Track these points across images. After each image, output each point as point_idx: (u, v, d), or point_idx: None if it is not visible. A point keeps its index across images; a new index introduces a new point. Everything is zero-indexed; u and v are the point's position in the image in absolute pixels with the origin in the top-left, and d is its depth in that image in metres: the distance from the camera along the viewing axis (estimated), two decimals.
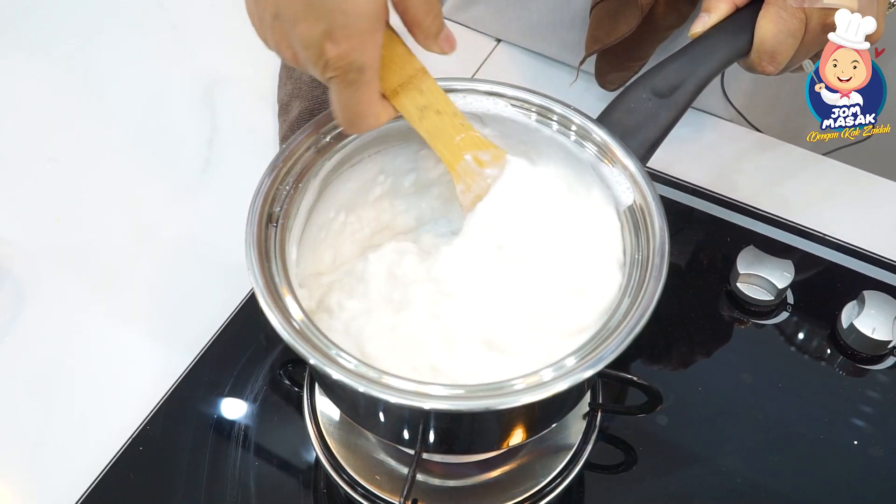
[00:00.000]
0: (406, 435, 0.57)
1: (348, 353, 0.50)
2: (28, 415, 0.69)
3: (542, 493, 0.64)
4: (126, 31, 0.96)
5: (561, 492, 0.64)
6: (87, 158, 0.85)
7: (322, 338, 0.50)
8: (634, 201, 0.56)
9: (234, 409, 0.70)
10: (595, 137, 0.59)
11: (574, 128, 0.59)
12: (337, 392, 0.58)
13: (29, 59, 0.94)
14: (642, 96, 0.61)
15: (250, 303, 0.74)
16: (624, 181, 0.57)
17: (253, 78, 0.90)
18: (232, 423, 0.69)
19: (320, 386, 0.65)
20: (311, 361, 0.49)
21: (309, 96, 0.84)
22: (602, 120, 0.61)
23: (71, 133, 0.87)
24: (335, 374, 0.48)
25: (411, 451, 0.62)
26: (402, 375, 0.49)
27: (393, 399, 0.48)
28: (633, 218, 0.56)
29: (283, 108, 0.85)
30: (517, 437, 0.58)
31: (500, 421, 0.56)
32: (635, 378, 0.60)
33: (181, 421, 0.69)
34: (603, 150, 0.58)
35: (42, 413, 0.69)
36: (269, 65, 0.90)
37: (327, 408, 0.68)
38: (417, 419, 0.55)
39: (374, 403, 0.54)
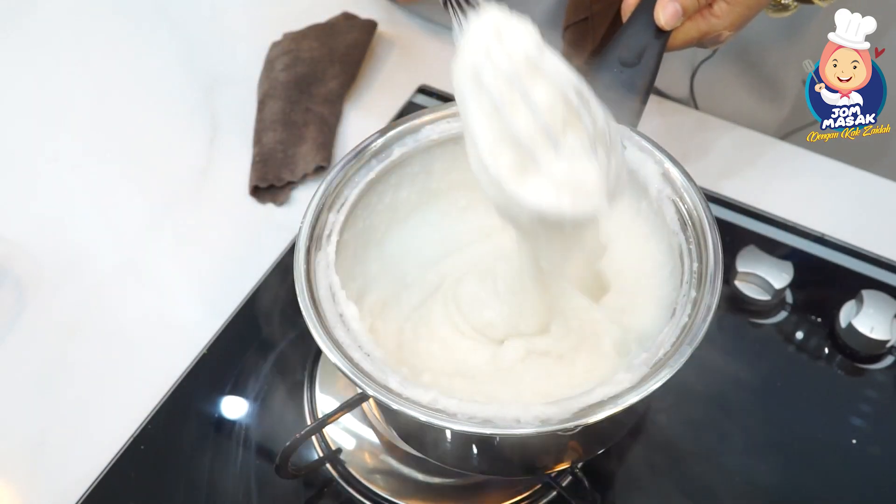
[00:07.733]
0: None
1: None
2: (29, 414, 0.70)
3: (541, 492, 0.65)
4: (126, 31, 0.96)
5: (560, 491, 0.64)
6: (88, 158, 0.85)
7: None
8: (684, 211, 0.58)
9: (235, 407, 0.70)
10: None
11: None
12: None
13: (29, 59, 0.94)
14: (614, 70, 0.62)
15: (252, 301, 0.74)
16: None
17: (253, 78, 0.90)
18: (233, 422, 0.69)
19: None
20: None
21: (283, 96, 0.86)
22: None
23: (71, 133, 0.87)
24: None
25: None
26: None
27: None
28: (686, 228, 0.58)
29: (259, 106, 0.87)
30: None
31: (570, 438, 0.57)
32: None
33: (183, 420, 0.69)
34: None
35: (43, 412, 0.69)
36: None
37: (327, 407, 0.68)
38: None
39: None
